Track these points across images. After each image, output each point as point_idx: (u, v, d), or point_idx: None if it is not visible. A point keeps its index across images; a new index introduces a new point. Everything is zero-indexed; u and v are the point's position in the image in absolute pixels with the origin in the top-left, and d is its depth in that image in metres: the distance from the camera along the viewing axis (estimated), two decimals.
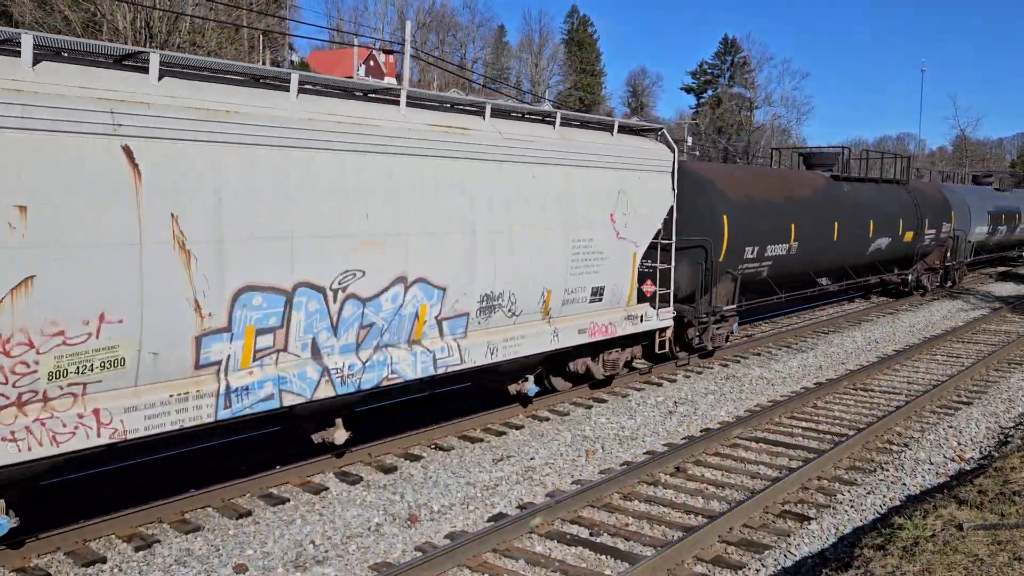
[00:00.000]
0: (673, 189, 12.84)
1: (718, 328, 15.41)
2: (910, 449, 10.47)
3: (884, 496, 8.81)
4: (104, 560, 7.17)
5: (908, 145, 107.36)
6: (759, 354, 16.77)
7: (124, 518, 7.76)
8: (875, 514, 8.31)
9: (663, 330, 13.27)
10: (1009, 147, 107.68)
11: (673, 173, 12.85)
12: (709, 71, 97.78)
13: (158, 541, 7.57)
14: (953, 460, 10.07)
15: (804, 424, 11.75)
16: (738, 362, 15.96)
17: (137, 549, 7.39)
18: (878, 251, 21.97)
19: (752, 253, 15.84)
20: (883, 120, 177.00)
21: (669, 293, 13.07)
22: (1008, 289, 29.41)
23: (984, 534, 6.27)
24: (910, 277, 24.80)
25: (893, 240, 22.44)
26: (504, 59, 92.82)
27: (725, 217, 14.83)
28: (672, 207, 12.85)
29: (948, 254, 26.14)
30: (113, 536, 7.62)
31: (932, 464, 9.91)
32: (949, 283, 27.36)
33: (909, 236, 23.39)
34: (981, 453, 10.36)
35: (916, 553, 6.00)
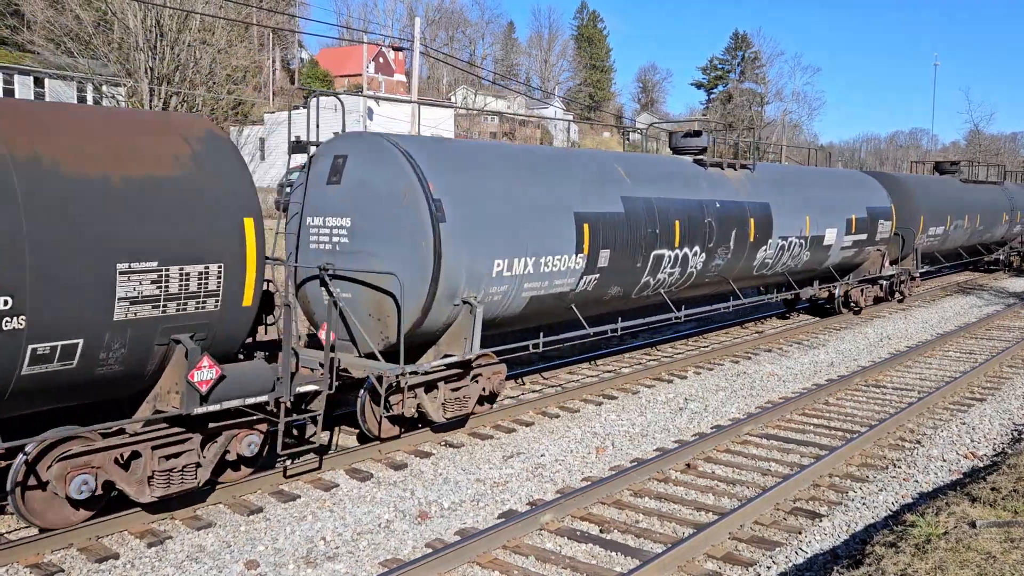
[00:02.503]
0: None
1: None
2: (923, 446, 10.41)
3: (896, 493, 8.77)
4: (117, 556, 7.21)
5: (921, 140, 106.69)
6: (770, 350, 16.71)
7: (137, 514, 7.81)
8: (887, 511, 8.27)
9: None
10: (1023, 141, 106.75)
11: None
12: (720, 66, 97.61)
13: (170, 537, 7.61)
14: (966, 457, 10.02)
15: (816, 421, 11.70)
16: (749, 359, 15.91)
17: (149, 545, 7.43)
18: None
19: None
20: (896, 115, 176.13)
21: None
22: (1022, 285, 29.20)
23: (997, 532, 6.23)
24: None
25: None
26: (513, 56, 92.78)
27: None
28: None
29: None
30: (126, 532, 7.66)
31: (945, 461, 9.85)
32: None
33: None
34: (995, 450, 10.30)
35: (928, 551, 5.96)
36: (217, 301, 7.53)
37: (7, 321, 6.28)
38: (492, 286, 10.59)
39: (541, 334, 11.78)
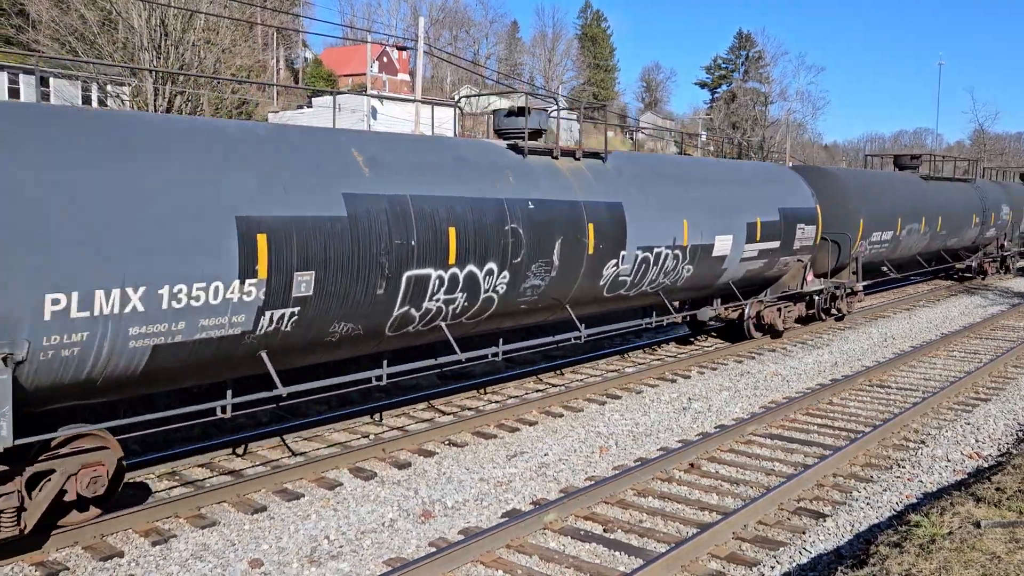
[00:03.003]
0: None
1: None
2: (927, 446, 10.39)
3: (900, 493, 8.75)
4: (122, 555, 7.23)
5: (925, 140, 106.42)
6: (774, 351, 16.68)
7: (141, 513, 7.83)
8: (891, 511, 8.25)
9: None
10: None
11: None
12: (723, 66, 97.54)
13: (175, 536, 7.62)
14: (970, 457, 10.00)
15: (820, 421, 11.68)
16: (752, 358, 15.89)
17: (154, 544, 7.45)
18: None
19: None
20: (900, 115, 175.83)
21: None
22: None
23: (1002, 532, 6.22)
24: None
25: None
26: (517, 55, 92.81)
27: None
28: None
29: None
30: (130, 531, 7.68)
31: (949, 461, 9.83)
32: None
33: None
34: (999, 450, 10.28)
35: (933, 551, 5.96)
36: None
37: None
38: (48, 335, 6.55)
39: (229, 394, 8.38)
